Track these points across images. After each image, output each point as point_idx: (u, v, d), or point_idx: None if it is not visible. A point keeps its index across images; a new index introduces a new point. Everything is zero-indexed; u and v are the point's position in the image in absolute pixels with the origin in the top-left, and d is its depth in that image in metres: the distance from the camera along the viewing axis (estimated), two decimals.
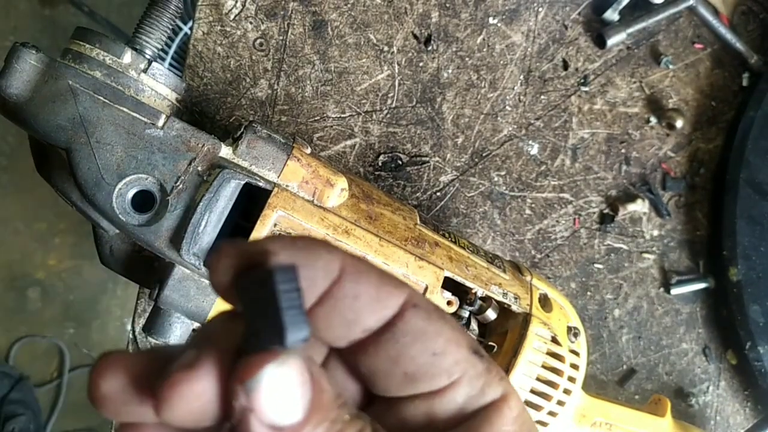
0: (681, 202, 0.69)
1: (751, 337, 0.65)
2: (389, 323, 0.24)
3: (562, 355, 0.50)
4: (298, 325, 0.20)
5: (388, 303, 0.24)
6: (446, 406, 0.25)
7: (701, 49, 0.69)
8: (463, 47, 0.64)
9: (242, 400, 0.19)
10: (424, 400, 0.25)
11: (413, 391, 0.25)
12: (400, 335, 0.24)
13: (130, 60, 0.44)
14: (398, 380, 0.25)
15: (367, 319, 0.24)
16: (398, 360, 0.24)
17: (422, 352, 0.24)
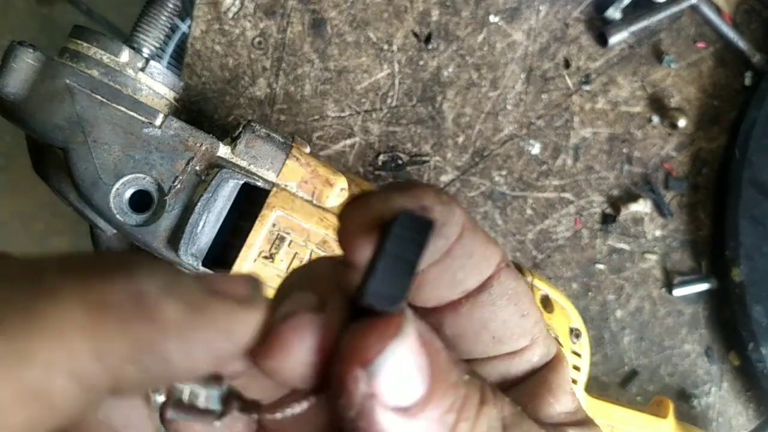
0: (683, 202, 0.68)
1: (754, 338, 0.64)
2: (485, 283, 0.23)
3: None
4: (393, 281, 0.18)
5: (491, 261, 0.23)
6: (522, 366, 0.24)
7: (704, 47, 0.69)
8: (463, 46, 0.64)
9: (363, 387, 0.17)
10: (503, 360, 0.24)
11: (496, 353, 0.24)
12: (496, 297, 0.23)
13: (128, 59, 0.43)
14: (485, 343, 0.24)
15: (471, 279, 0.22)
16: (489, 323, 0.23)
17: (513, 314, 0.23)
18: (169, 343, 0.15)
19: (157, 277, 0.15)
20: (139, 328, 0.14)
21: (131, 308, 0.14)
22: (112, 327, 0.14)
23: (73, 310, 0.13)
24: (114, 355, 0.14)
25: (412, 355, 0.18)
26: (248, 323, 0.17)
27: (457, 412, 0.18)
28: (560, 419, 0.24)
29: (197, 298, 0.16)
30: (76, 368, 0.13)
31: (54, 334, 0.13)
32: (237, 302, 0.17)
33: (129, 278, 0.14)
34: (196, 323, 0.15)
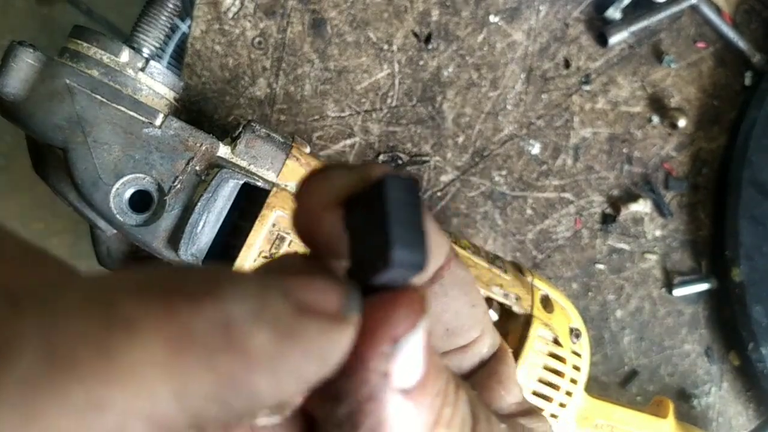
0: (683, 202, 0.68)
1: (754, 338, 0.64)
2: (436, 274, 0.21)
3: (563, 357, 0.49)
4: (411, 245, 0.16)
5: (441, 250, 0.21)
6: (473, 359, 0.24)
7: (704, 47, 0.69)
8: (463, 46, 0.64)
9: (383, 366, 0.16)
10: (456, 354, 0.24)
11: (450, 347, 0.23)
12: (448, 287, 0.22)
13: (128, 59, 0.43)
14: (439, 337, 0.23)
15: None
16: (443, 315, 0.22)
17: (464, 304, 0.23)
18: (258, 376, 0.13)
19: (246, 299, 0.13)
20: (227, 363, 0.12)
21: (218, 339, 0.12)
22: (196, 363, 0.12)
23: (154, 345, 0.12)
24: (197, 394, 0.12)
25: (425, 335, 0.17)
26: (342, 342, 0.15)
27: (442, 396, 0.18)
28: (511, 410, 0.24)
29: (288, 320, 0.14)
30: (155, 412, 0.12)
31: (132, 375, 0.11)
32: (330, 320, 0.15)
33: (216, 303, 0.12)
34: (288, 351, 0.13)
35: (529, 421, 0.24)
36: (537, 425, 0.24)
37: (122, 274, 0.12)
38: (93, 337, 0.11)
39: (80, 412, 0.11)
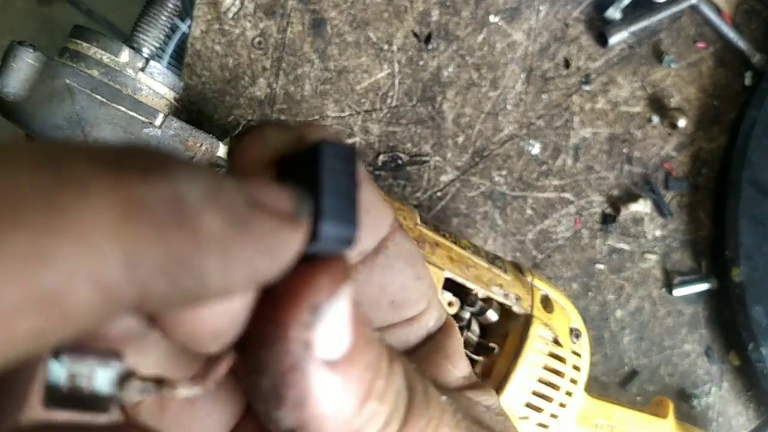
0: (683, 202, 0.68)
1: (754, 338, 0.64)
2: (380, 245, 0.21)
3: (563, 357, 0.49)
4: (341, 219, 0.16)
5: (385, 220, 0.21)
6: (419, 332, 0.24)
7: (704, 47, 0.69)
8: (463, 46, 0.64)
9: (303, 334, 0.16)
10: (402, 327, 0.23)
11: (396, 319, 0.23)
12: (393, 259, 0.21)
13: (128, 59, 0.43)
14: (384, 309, 0.22)
15: (367, 238, 0.20)
16: (388, 287, 0.22)
17: (410, 277, 0.22)
18: (206, 257, 0.13)
19: (198, 181, 0.13)
20: (177, 238, 0.12)
21: (169, 214, 0.12)
22: (146, 233, 0.12)
23: (105, 207, 0.11)
24: (145, 264, 0.12)
25: (350, 303, 0.16)
26: (292, 243, 0.15)
27: (374, 370, 0.17)
28: (458, 384, 0.24)
29: (241, 210, 0.13)
30: (101, 275, 0.11)
31: (80, 233, 0.11)
32: (282, 218, 0.15)
33: (168, 180, 0.12)
34: (238, 239, 0.13)
35: (476, 395, 0.23)
36: (484, 398, 0.23)
37: (74, 144, 0.12)
38: (42, 189, 0.11)
39: (23, 262, 0.10)
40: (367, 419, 0.17)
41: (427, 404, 0.19)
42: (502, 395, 0.47)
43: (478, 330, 0.50)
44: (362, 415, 0.17)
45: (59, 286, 0.11)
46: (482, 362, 0.50)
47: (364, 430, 0.17)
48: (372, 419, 0.17)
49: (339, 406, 0.16)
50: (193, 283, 0.13)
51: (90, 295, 0.11)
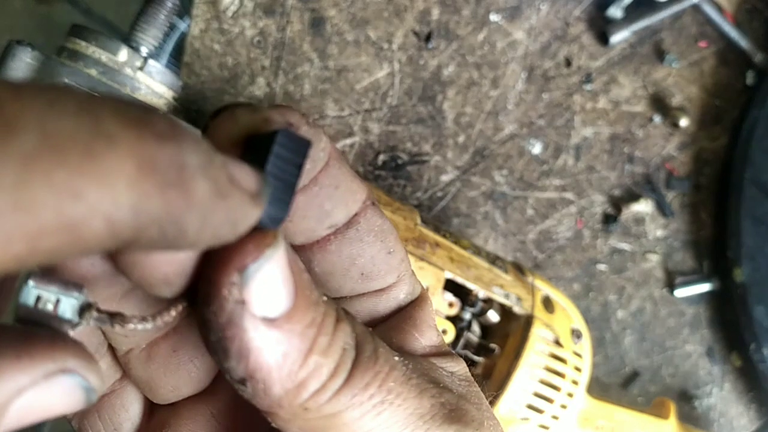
0: (685, 201, 0.68)
1: (756, 338, 0.64)
2: (352, 220, 0.23)
3: (564, 358, 0.49)
4: (276, 201, 0.19)
5: (357, 197, 0.23)
6: (389, 304, 0.26)
7: (705, 47, 0.68)
8: (464, 45, 0.63)
9: (236, 293, 0.18)
10: (371, 297, 0.25)
11: (365, 290, 0.25)
12: (363, 233, 0.23)
13: (127, 58, 0.43)
14: (354, 280, 0.24)
15: (338, 212, 0.23)
16: (357, 259, 0.24)
17: (380, 250, 0.24)
18: (190, 217, 0.15)
19: (198, 152, 0.15)
20: (173, 196, 0.15)
21: (172, 176, 0.14)
22: (153, 188, 0.14)
23: (126, 161, 0.14)
24: (146, 212, 0.14)
25: (280, 267, 0.19)
26: (251, 218, 0.18)
27: (317, 327, 0.19)
28: (425, 351, 0.25)
29: (223, 183, 0.16)
30: (113, 215, 0.14)
31: (105, 179, 0.13)
32: (250, 195, 0.17)
33: (178, 146, 0.15)
34: (216, 207, 0.16)
35: (442, 361, 0.25)
36: (449, 365, 0.25)
37: (109, 99, 0.14)
38: (81, 137, 0.13)
39: (60, 193, 0.13)
40: (311, 371, 0.19)
41: (374, 361, 0.21)
42: (503, 396, 0.47)
43: (478, 331, 0.50)
44: (306, 367, 0.19)
45: (82, 218, 0.13)
46: (483, 363, 0.49)
47: (309, 381, 0.19)
48: (316, 371, 0.19)
49: (282, 357, 0.19)
50: (175, 234, 0.15)
51: (101, 228, 0.14)
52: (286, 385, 0.19)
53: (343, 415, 0.20)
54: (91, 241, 0.14)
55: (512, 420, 0.48)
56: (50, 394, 0.17)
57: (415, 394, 0.22)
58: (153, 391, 0.25)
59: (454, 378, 0.25)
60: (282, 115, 0.20)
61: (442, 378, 0.24)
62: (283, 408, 0.19)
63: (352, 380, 0.20)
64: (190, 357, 0.24)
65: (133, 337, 0.23)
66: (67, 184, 0.13)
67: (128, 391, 0.26)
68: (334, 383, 0.20)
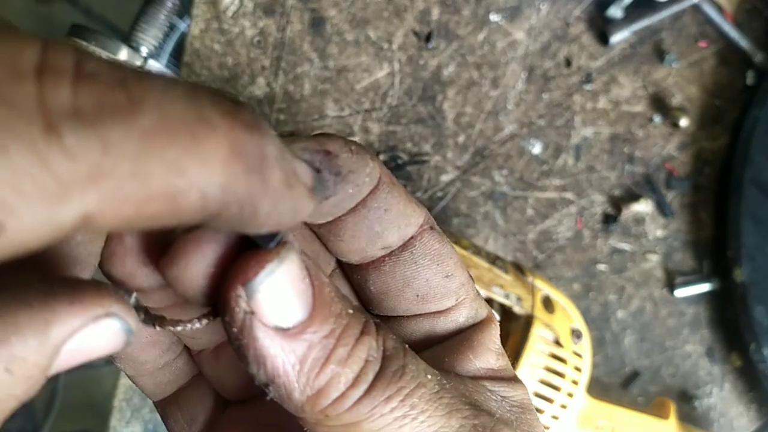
0: (685, 201, 0.68)
1: (756, 338, 0.64)
2: (407, 243, 0.24)
3: (565, 358, 0.49)
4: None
5: (411, 221, 0.24)
6: (447, 325, 0.26)
7: (705, 47, 0.68)
8: (464, 45, 0.63)
9: (243, 305, 0.19)
10: (428, 318, 0.26)
11: (421, 311, 0.26)
12: (418, 256, 0.24)
13: (127, 57, 0.43)
14: (409, 301, 0.25)
15: (390, 235, 0.24)
16: (412, 281, 0.25)
17: (436, 273, 0.25)
18: (265, 201, 0.17)
19: (276, 144, 0.17)
20: (255, 181, 0.16)
21: (256, 163, 0.16)
22: (239, 172, 0.16)
23: (222, 146, 0.15)
24: (232, 193, 0.16)
25: (291, 279, 0.20)
26: (307, 209, 0.19)
27: (336, 339, 0.20)
28: (479, 374, 0.25)
29: (291, 174, 0.18)
30: (207, 190, 0.15)
31: (206, 159, 0.15)
32: (309, 190, 0.19)
33: (262, 137, 0.17)
34: (285, 195, 0.17)
35: (496, 385, 0.25)
36: (503, 389, 0.25)
37: (208, 90, 0.16)
38: (189, 121, 0.15)
39: (170, 168, 0.15)
40: (329, 379, 0.20)
41: (400, 375, 0.21)
42: None
43: None
44: (323, 375, 0.20)
45: (183, 190, 0.15)
46: None
47: (328, 389, 0.20)
48: (334, 380, 0.20)
49: (298, 365, 0.20)
50: (250, 214, 0.17)
51: (196, 200, 0.15)
52: (306, 391, 0.20)
53: (363, 425, 0.21)
54: (185, 211, 0.16)
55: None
56: (97, 336, 0.19)
57: (443, 413, 0.22)
58: (223, 388, 0.27)
59: (504, 403, 0.25)
60: (321, 144, 0.21)
61: (486, 401, 0.24)
62: (306, 413, 0.20)
63: (373, 391, 0.21)
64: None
65: (201, 340, 0.26)
66: (175, 161, 0.15)
67: (204, 387, 0.28)
68: (355, 393, 0.20)
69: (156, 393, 0.28)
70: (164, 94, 0.15)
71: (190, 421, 0.28)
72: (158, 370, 0.27)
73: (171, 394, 0.28)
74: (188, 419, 0.28)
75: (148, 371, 0.26)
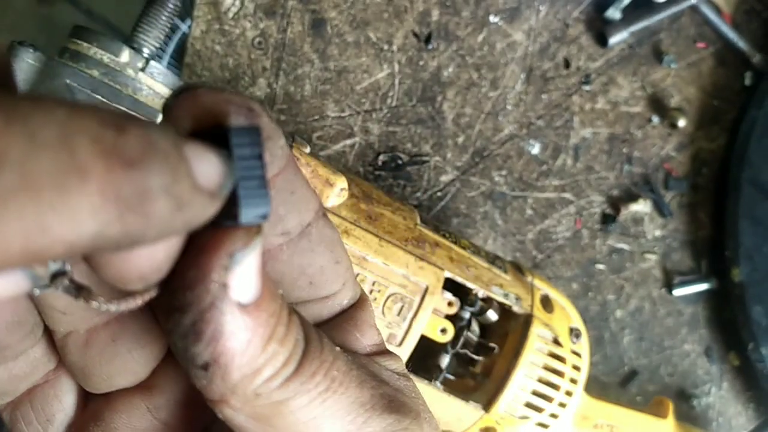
0: (683, 202, 0.68)
1: (754, 338, 0.64)
2: (304, 230, 0.24)
3: (563, 357, 0.49)
4: (256, 200, 0.19)
5: (311, 206, 0.24)
6: (333, 309, 0.27)
7: (704, 47, 0.69)
8: (463, 46, 0.64)
9: (222, 276, 0.19)
10: (316, 303, 0.26)
11: (311, 297, 0.26)
12: (315, 243, 0.24)
13: (128, 59, 0.43)
14: (301, 288, 0.25)
15: (291, 219, 0.23)
16: (307, 269, 0.24)
17: (329, 260, 0.25)
18: (149, 232, 0.16)
19: (165, 171, 0.16)
20: (132, 220, 0.15)
21: (134, 201, 0.15)
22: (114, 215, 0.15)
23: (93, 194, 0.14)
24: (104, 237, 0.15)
25: (257, 258, 0.20)
26: (205, 217, 0.18)
27: (277, 318, 0.20)
28: (366, 351, 0.27)
29: (186, 193, 0.17)
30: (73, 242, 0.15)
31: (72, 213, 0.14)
32: (211, 196, 0.18)
33: (145, 172, 0.15)
34: (175, 219, 0.17)
35: (382, 359, 0.26)
36: (389, 362, 0.26)
37: (87, 116, 0.15)
38: (56, 173, 0.14)
39: (29, 227, 0.14)
40: (269, 358, 0.20)
41: (320, 351, 0.22)
42: (502, 395, 0.47)
43: (478, 330, 0.50)
44: (265, 354, 0.20)
45: (45, 246, 0.14)
46: (482, 362, 0.50)
47: (265, 368, 0.20)
48: (273, 358, 0.20)
49: (246, 343, 0.19)
50: (130, 245, 0.16)
51: (61, 252, 0.14)
52: (244, 370, 0.20)
53: (291, 402, 0.21)
54: (49, 258, 0.15)
55: (511, 418, 0.48)
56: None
57: (356, 384, 0.23)
58: (87, 379, 0.25)
59: (392, 374, 0.26)
60: (243, 99, 0.20)
61: (381, 373, 0.25)
62: (236, 394, 0.20)
63: (302, 368, 0.21)
64: (128, 348, 0.24)
65: (74, 319, 0.23)
66: (36, 220, 0.14)
67: (62, 381, 0.26)
68: (286, 370, 0.21)
69: (7, 391, 0.25)
70: (31, 144, 0.14)
71: (45, 422, 0.26)
72: (14, 361, 0.24)
73: (22, 393, 0.25)
74: (44, 420, 0.26)
75: (6, 359, 0.24)
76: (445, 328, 0.47)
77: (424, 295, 0.45)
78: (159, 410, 0.25)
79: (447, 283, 0.46)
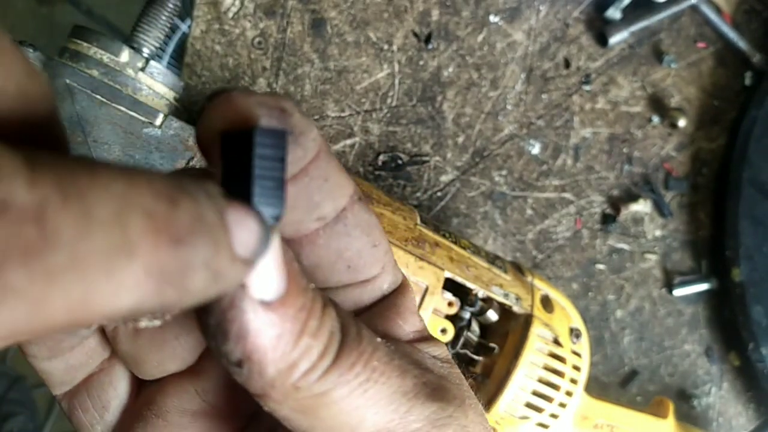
0: (683, 201, 0.68)
1: (754, 338, 0.64)
2: (339, 215, 0.24)
3: (563, 357, 0.49)
4: (270, 199, 0.19)
5: (344, 191, 0.24)
6: (373, 293, 0.27)
7: (704, 47, 0.69)
8: (463, 46, 0.64)
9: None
10: (356, 288, 0.26)
11: (350, 281, 0.26)
12: (351, 227, 0.24)
13: (128, 58, 0.43)
14: (340, 272, 0.25)
15: (326, 205, 0.23)
16: (344, 252, 0.25)
17: (366, 244, 0.25)
18: (184, 303, 0.16)
19: (208, 245, 0.16)
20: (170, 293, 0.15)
21: (175, 277, 0.15)
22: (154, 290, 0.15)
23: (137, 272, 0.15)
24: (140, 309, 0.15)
25: (276, 255, 0.20)
26: (237, 282, 0.19)
27: (307, 312, 0.21)
28: (409, 337, 0.27)
29: (224, 266, 0.17)
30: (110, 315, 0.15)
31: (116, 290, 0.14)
32: (246, 264, 0.18)
33: (191, 248, 0.16)
34: (210, 290, 0.17)
35: (425, 346, 0.26)
36: (432, 349, 0.26)
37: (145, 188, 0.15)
38: (106, 253, 0.14)
39: (73, 304, 0.14)
40: (303, 352, 0.20)
41: (359, 342, 0.22)
42: (502, 395, 0.47)
43: (478, 330, 0.50)
44: (298, 348, 0.20)
45: (83, 319, 0.14)
46: (482, 362, 0.50)
47: (301, 362, 0.20)
48: (307, 352, 0.20)
49: (276, 339, 0.20)
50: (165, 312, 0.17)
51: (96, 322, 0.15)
52: (279, 365, 0.20)
53: (332, 394, 0.21)
54: (84, 327, 0.15)
55: (511, 418, 0.48)
56: None
57: (398, 373, 0.23)
58: (139, 367, 0.26)
59: (436, 360, 0.26)
60: (275, 100, 0.20)
61: (424, 360, 0.25)
62: (276, 388, 0.20)
63: (340, 360, 0.21)
64: (175, 335, 0.25)
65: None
66: (81, 298, 0.14)
67: (116, 369, 0.27)
68: (323, 363, 0.21)
69: (65, 381, 0.26)
70: (86, 222, 0.14)
71: (102, 409, 0.27)
72: (71, 352, 0.25)
73: (79, 382, 0.27)
74: (100, 407, 0.27)
75: (63, 351, 0.25)
76: (445, 328, 0.47)
77: (424, 295, 0.45)
78: (207, 393, 0.26)
79: (447, 283, 0.46)
